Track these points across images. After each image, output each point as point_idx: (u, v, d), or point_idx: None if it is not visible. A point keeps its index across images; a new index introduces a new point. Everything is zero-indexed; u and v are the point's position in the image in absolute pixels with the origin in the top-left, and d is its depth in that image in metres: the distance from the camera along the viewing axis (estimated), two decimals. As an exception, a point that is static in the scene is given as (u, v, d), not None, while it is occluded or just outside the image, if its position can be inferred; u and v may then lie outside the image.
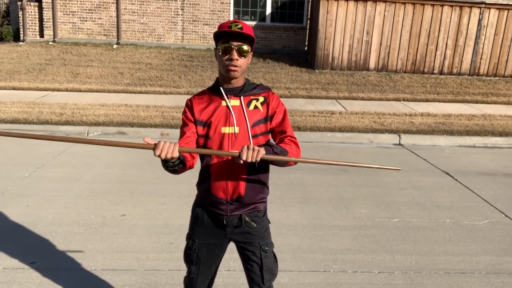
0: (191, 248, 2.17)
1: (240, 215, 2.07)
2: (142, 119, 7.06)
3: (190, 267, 2.21)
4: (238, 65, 1.93)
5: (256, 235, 2.12)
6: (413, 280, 3.25)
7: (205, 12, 12.84)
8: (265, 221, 2.17)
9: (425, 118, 7.99)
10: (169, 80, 9.88)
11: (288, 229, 3.95)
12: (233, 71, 1.93)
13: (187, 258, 2.21)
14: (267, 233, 2.17)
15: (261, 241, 2.13)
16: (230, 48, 1.91)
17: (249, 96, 2.02)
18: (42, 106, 7.55)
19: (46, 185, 4.69)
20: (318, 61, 11.02)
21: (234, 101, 2.00)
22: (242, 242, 2.14)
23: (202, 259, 2.17)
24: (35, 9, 12.76)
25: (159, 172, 5.20)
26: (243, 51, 1.93)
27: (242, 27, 1.92)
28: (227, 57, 1.92)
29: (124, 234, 3.74)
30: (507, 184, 5.33)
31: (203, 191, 2.09)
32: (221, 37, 1.94)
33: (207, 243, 2.15)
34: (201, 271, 2.20)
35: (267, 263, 2.15)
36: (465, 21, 10.97)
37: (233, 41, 1.91)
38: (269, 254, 2.17)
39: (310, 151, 6.28)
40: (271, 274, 2.18)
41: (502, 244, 3.85)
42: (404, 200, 4.72)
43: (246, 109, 1.99)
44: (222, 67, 1.96)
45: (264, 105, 2.03)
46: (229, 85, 2.00)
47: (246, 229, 2.09)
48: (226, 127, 1.97)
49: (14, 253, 3.38)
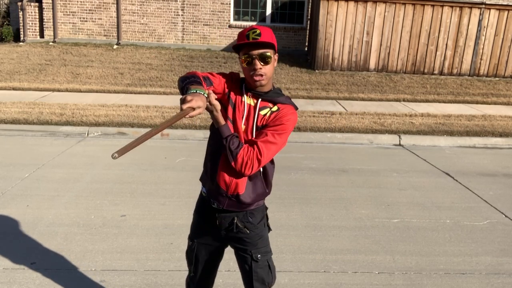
0: (191, 248, 2.20)
1: (233, 219, 2.06)
2: (142, 120, 7.06)
3: (190, 267, 2.24)
4: (263, 73, 1.89)
5: (249, 242, 2.08)
6: (413, 280, 3.25)
7: (205, 12, 12.84)
8: (260, 229, 2.12)
9: (425, 118, 7.99)
10: (169, 81, 9.88)
11: (288, 229, 3.95)
12: (259, 80, 1.90)
13: (188, 258, 2.25)
14: (261, 241, 2.11)
15: (253, 249, 2.08)
16: (252, 59, 1.86)
17: (267, 102, 1.97)
18: (42, 106, 7.55)
19: (46, 186, 4.69)
20: (318, 61, 11.02)
21: (251, 100, 1.97)
22: (236, 248, 2.15)
23: (200, 259, 2.19)
24: (35, 10, 12.77)
25: (159, 173, 5.20)
26: (266, 58, 1.87)
27: (260, 33, 1.85)
28: (251, 67, 1.88)
29: (124, 235, 3.74)
30: (507, 184, 5.33)
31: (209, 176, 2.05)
32: (242, 48, 1.89)
33: (205, 243, 2.17)
34: (200, 270, 2.22)
35: (258, 273, 2.10)
36: (465, 22, 10.97)
37: (254, 50, 1.86)
38: (262, 264, 2.11)
39: (310, 152, 6.28)
40: (262, 284, 2.13)
41: (502, 245, 3.85)
42: (404, 200, 4.72)
43: (258, 112, 1.96)
44: (248, 77, 1.92)
45: (272, 114, 1.97)
46: (255, 89, 1.97)
47: (240, 235, 2.08)
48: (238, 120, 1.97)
49: (14, 253, 3.38)
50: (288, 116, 1.95)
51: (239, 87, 2.00)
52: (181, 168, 5.39)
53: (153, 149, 6.12)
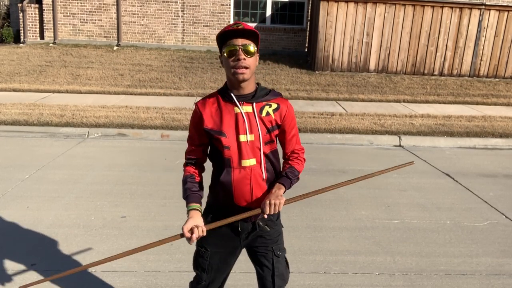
0: (203, 256, 2.10)
1: (254, 221, 2.04)
2: (142, 121, 7.06)
3: (202, 275, 2.14)
4: (247, 65, 1.85)
5: (269, 239, 2.09)
6: (413, 281, 3.25)
7: (205, 14, 12.86)
8: (279, 225, 2.15)
9: (425, 119, 7.99)
10: (170, 82, 9.89)
11: (288, 230, 3.93)
12: (242, 73, 1.86)
13: (199, 265, 2.13)
14: (280, 237, 2.15)
15: (274, 245, 2.10)
16: (236, 49, 1.84)
17: (262, 102, 1.96)
18: (43, 107, 7.56)
19: (46, 187, 4.69)
20: (318, 62, 11.02)
21: (246, 107, 1.93)
22: (255, 246, 2.11)
23: (214, 267, 2.12)
24: (36, 11, 12.78)
25: (159, 174, 5.20)
26: (249, 50, 1.86)
27: (244, 26, 1.86)
28: (234, 58, 1.85)
29: (124, 236, 3.74)
30: (507, 185, 5.33)
31: (223, 199, 2.01)
32: (225, 41, 1.88)
33: (219, 251, 2.10)
34: (213, 278, 2.15)
35: (279, 268, 2.12)
36: (465, 23, 10.98)
37: (237, 41, 1.85)
38: (281, 259, 2.14)
39: (311, 153, 6.27)
40: (282, 280, 2.15)
41: (502, 246, 3.84)
42: (405, 201, 4.72)
43: (259, 116, 1.94)
44: (230, 71, 1.88)
45: (276, 112, 1.96)
46: (239, 91, 1.93)
47: (260, 233, 2.07)
48: (242, 135, 1.92)
49: (14, 254, 3.37)
50: (290, 110, 2.03)
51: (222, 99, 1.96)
52: (181, 169, 5.38)
53: (153, 150, 6.13)
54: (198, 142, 2.04)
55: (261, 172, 1.96)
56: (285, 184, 1.96)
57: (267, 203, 1.84)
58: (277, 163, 2.05)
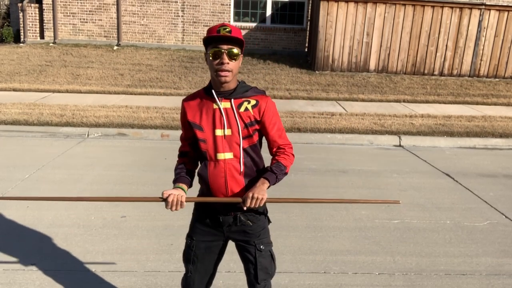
0: (190, 246, 2.19)
1: (236, 215, 2.10)
2: (142, 121, 7.07)
3: (188, 266, 2.22)
4: (229, 69, 1.95)
5: (252, 233, 2.14)
6: (413, 281, 3.25)
7: (206, 13, 12.86)
8: (262, 221, 2.19)
9: (425, 119, 7.99)
10: (170, 82, 9.89)
11: (288, 230, 3.95)
12: (225, 76, 1.96)
13: (185, 256, 2.23)
14: (263, 232, 2.19)
15: (256, 240, 2.15)
16: (220, 52, 1.93)
17: (241, 99, 2.05)
18: (43, 107, 7.56)
19: (46, 186, 4.69)
20: (318, 62, 11.02)
21: (225, 103, 2.03)
22: (240, 241, 2.17)
23: (199, 257, 2.18)
24: (36, 11, 12.78)
25: (159, 174, 5.20)
26: (233, 54, 1.95)
27: (231, 30, 1.93)
28: (218, 61, 1.94)
29: (124, 236, 3.74)
30: (507, 185, 5.33)
31: (206, 191, 2.12)
32: (211, 42, 1.96)
33: (205, 241, 2.17)
34: (199, 269, 2.20)
35: (262, 262, 2.17)
36: (465, 23, 10.98)
37: (223, 45, 1.94)
38: (265, 254, 2.18)
39: (311, 152, 6.28)
40: (266, 273, 2.19)
41: (502, 246, 3.84)
42: (405, 201, 4.72)
43: (237, 111, 2.02)
44: (213, 72, 1.99)
45: (255, 108, 2.05)
46: (220, 89, 2.04)
47: (243, 228, 2.13)
48: (218, 129, 2.02)
49: (14, 254, 3.37)
50: (270, 106, 2.08)
51: (205, 95, 2.08)
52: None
53: (153, 150, 6.13)
54: (185, 136, 2.17)
55: (238, 166, 2.03)
56: (269, 179, 2.02)
57: (249, 196, 1.92)
58: (257, 158, 2.11)
